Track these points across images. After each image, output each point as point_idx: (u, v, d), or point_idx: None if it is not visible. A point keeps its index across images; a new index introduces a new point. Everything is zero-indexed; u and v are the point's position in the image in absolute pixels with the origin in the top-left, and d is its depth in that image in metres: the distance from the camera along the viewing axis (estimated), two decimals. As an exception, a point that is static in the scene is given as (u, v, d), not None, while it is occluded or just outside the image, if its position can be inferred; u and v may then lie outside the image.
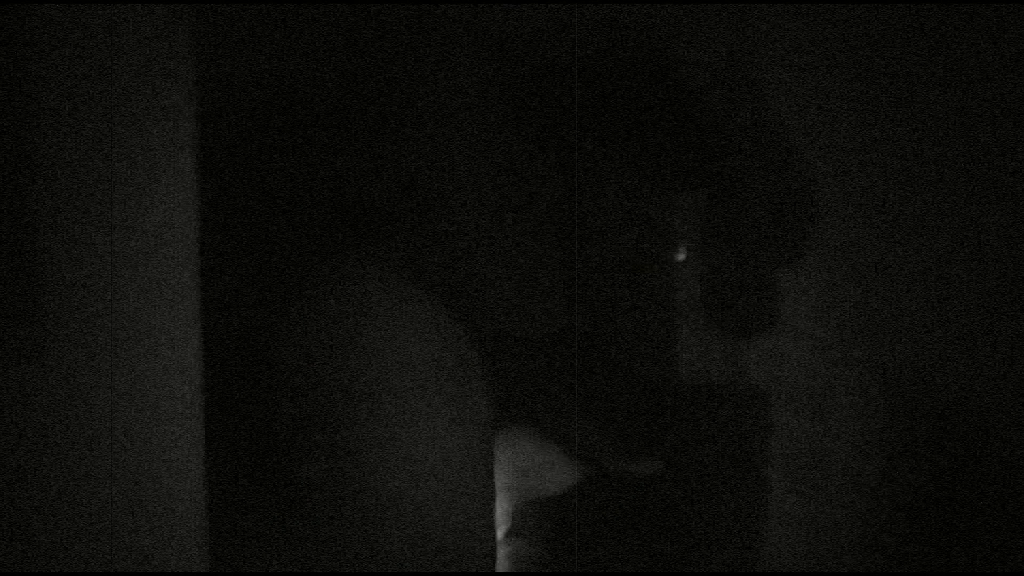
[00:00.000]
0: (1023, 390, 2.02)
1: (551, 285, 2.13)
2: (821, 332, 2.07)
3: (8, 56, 1.35)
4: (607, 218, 2.11)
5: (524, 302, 2.14)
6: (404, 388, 1.82)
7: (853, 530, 2.07)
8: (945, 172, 2.03)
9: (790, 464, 2.08)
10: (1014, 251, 2.02)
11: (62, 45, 1.37)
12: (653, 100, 2.07)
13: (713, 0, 2.05)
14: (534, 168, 2.11)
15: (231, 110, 1.92)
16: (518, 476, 2.06)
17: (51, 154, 1.37)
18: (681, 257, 2.05)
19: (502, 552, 2.06)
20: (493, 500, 1.94)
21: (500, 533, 2.08)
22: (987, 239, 2.03)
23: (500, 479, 2.04)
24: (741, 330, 2.05)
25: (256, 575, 1.81)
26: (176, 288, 1.48)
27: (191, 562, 1.51)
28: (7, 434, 1.36)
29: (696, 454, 2.10)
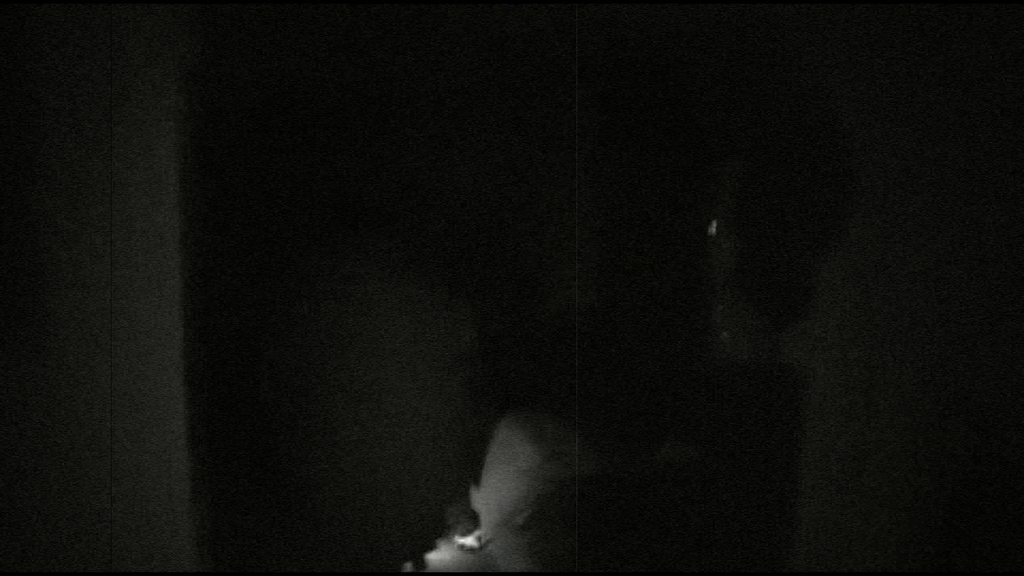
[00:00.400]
0: (1023, 390, 2.02)
1: (551, 285, 2.13)
2: (821, 332, 2.07)
3: (8, 56, 1.35)
4: (608, 218, 2.11)
5: (524, 302, 2.13)
6: (404, 388, 1.82)
7: (853, 530, 2.07)
8: (945, 172, 2.03)
9: (790, 463, 2.08)
10: (1014, 251, 2.02)
11: (62, 45, 1.37)
12: (653, 100, 2.07)
13: (713, 0, 2.05)
14: (534, 168, 2.11)
15: (231, 110, 1.91)
16: (542, 461, 2.06)
17: (51, 154, 1.37)
18: (712, 232, 2.06)
19: (521, 542, 2.05)
20: (469, 495, 1.95)
21: (521, 519, 2.07)
22: (987, 239, 2.03)
23: (519, 465, 2.04)
24: (773, 318, 2.07)
25: (256, 575, 1.81)
26: (176, 288, 1.48)
27: (191, 562, 1.51)
28: (7, 434, 1.36)
29: (696, 451, 2.10)
